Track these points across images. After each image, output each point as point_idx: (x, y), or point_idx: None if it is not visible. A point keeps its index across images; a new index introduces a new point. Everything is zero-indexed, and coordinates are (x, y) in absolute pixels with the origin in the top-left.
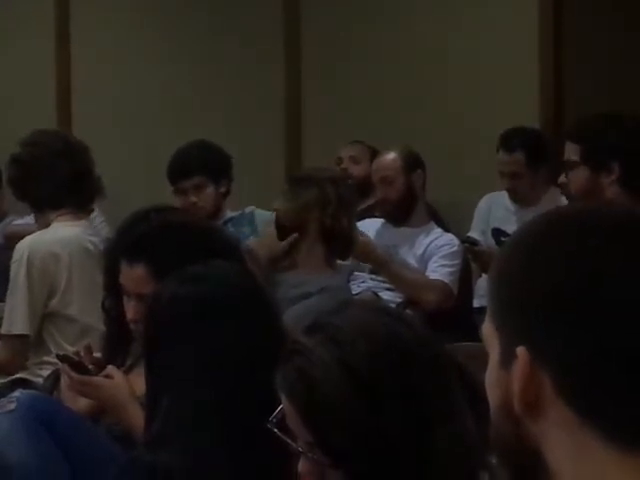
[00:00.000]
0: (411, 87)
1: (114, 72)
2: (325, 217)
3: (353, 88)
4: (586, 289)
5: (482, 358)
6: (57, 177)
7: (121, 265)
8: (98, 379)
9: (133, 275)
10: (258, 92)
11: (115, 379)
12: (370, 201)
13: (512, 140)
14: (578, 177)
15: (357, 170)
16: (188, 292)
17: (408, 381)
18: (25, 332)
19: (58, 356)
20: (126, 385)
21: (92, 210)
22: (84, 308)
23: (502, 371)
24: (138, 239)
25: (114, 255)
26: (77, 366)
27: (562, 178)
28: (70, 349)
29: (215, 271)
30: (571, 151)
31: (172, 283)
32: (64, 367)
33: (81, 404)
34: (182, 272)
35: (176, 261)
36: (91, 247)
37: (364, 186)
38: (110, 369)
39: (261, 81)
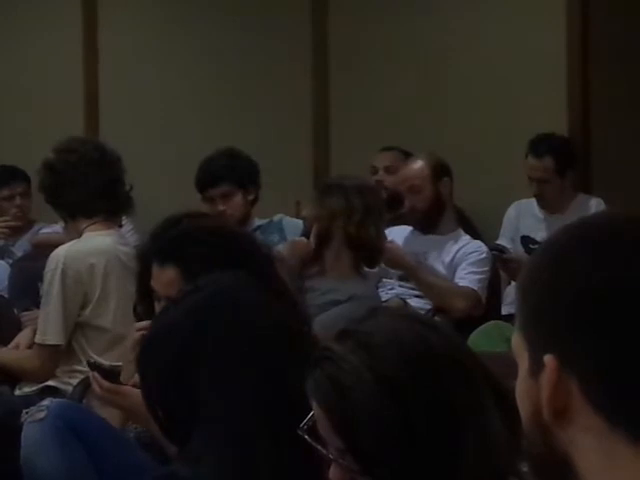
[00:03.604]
0: (438, 92)
1: (141, 74)
2: (349, 225)
3: (382, 92)
4: (611, 295)
5: (509, 364)
6: (90, 185)
7: (152, 268)
8: (128, 388)
9: (164, 278)
10: (286, 96)
11: None
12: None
13: (541, 146)
14: None
15: (392, 180)
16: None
17: (439, 387)
18: (58, 342)
19: (89, 363)
20: None
21: (121, 219)
22: (117, 318)
23: (531, 380)
24: (170, 241)
25: (146, 259)
26: (108, 374)
27: None
28: (98, 359)
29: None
30: None
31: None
32: (94, 375)
33: (111, 412)
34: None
35: (206, 264)
36: (123, 257)
37: (399, 195)
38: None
39: (289, 84)
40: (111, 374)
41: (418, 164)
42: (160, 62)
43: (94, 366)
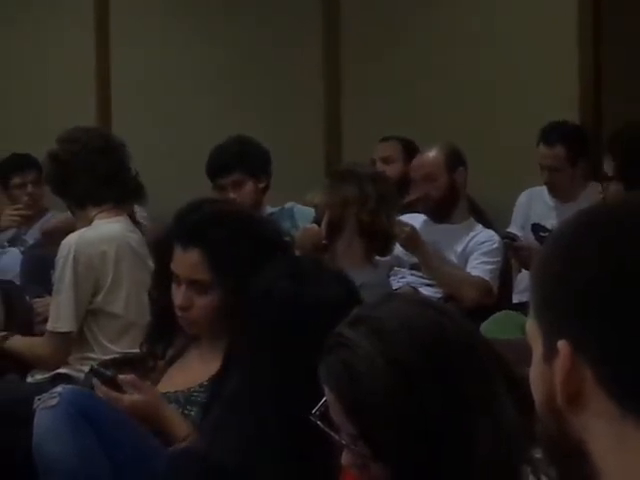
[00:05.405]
0: (451, 81)
1: (154, 62)
2: (363, 213)
3: (395, 83)
4: (622, 281)
5: (521, 351)
6: (96, 173)
7: (174, 251)
8: (126, 397)
9: (187, 261)
10: (299, 86)
11: (143, 395)
12: (410, 197)
13: (553, 134)
14: None
15: (390, 170)
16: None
17: (453, 372)
18: (70, 329)
19: (91, 369)
20: (154, 398)
21: (132, 206)
22: (129, 304)
23: (545, 366)
24: (194, 225)
25: (167, 242)
26: (107, 381)
27: None
28: (110, 346)
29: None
30: None
31: (282, 278)
32: (95, 381)
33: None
34: (292, 266)
35: (230, 249)
36: (133, 243)
37: (399, 185)
38: (135, 382)
39: (299, 67)
40: (110, 381)
41: (433, 152)
42: (173, 50)
43: (96, 373)
